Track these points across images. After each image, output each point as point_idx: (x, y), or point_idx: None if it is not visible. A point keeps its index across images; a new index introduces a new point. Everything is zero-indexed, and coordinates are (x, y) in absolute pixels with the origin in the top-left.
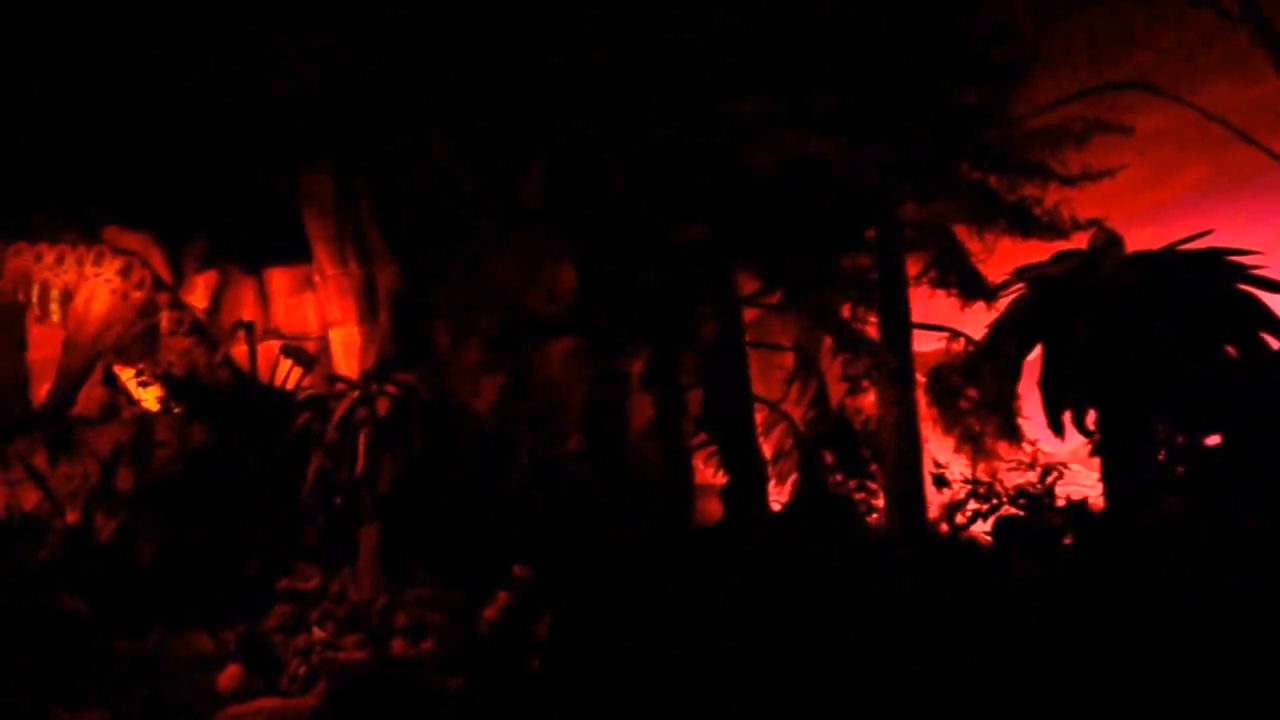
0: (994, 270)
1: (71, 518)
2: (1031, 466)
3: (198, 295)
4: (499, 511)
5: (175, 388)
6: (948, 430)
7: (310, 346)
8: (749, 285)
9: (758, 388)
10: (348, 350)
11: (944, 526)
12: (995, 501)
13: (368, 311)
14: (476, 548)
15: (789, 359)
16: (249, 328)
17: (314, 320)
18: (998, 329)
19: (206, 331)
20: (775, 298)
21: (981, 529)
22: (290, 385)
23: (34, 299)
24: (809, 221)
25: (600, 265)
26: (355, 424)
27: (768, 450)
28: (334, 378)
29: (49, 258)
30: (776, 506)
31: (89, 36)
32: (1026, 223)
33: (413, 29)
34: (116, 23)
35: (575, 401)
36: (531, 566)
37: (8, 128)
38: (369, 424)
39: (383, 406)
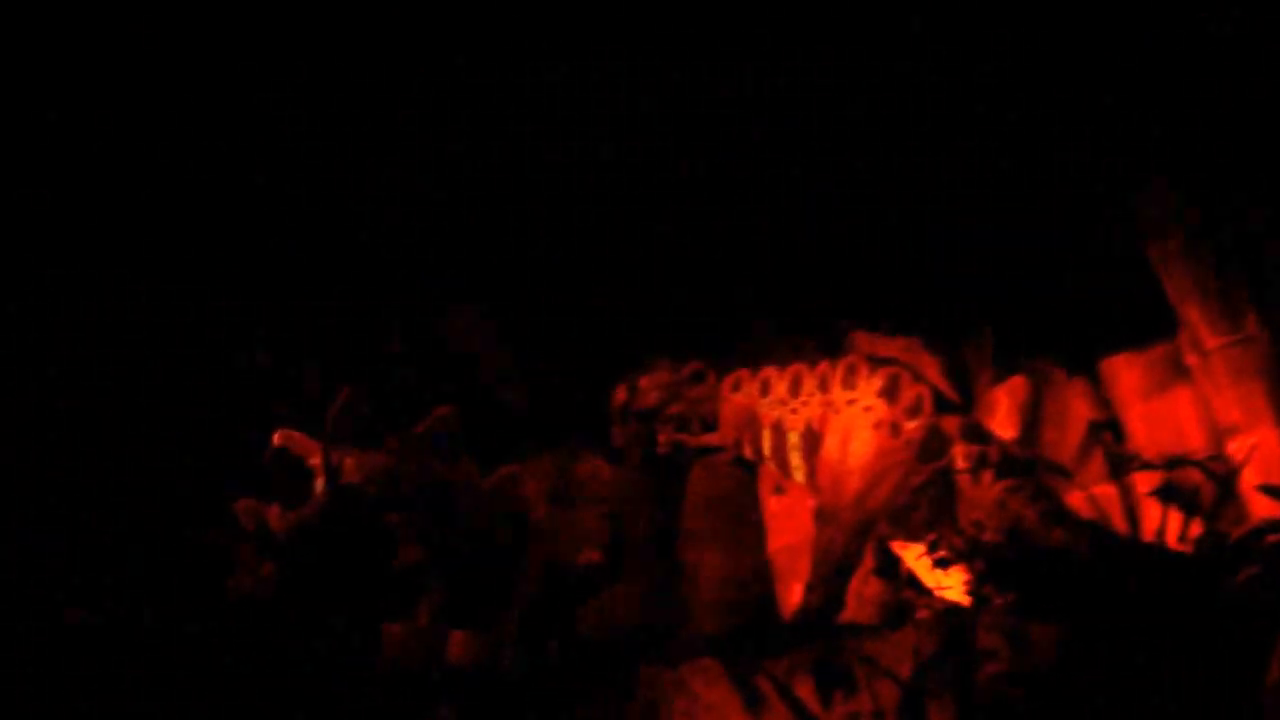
0: None
1: None
2: None
3: (1001, 415)
4: None
5: (994, 564)
6: None
7: (1195, 474)
8: None
9: None
10: (1269, 466)
11: None
12: None
13: None
14: None
15: None
16: (1109, 433)
17: (1195, 428)
18: None
19: (1026, 468)
20: None
21: None
22: (1172, 540)
23: (766, 452)
24: None
25: None
26: None
27: None
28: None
29: (779, 387)
30: None
31: None
32: None
33: None
34: None
35: None
36: None
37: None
38: None
39: None
